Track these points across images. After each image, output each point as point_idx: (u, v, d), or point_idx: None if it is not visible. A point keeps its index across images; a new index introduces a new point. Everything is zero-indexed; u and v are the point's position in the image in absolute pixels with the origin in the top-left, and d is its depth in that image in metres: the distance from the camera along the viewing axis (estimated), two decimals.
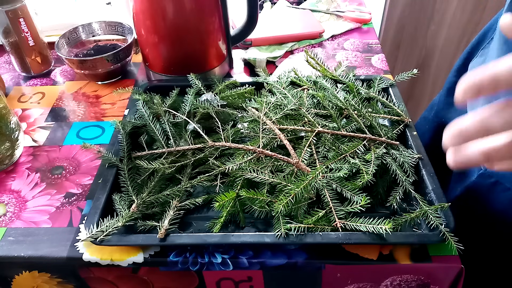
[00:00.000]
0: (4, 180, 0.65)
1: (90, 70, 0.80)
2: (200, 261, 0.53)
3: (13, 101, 0.81)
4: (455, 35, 1.52)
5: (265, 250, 0.54)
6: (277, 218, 0.52)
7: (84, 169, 0.66)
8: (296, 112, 0.63)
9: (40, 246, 0.55)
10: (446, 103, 0.76)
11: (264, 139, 0.60)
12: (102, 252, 0.54)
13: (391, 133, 0.62)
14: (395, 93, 0.70)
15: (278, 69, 0.86)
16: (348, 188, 0.54)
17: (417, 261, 0.52)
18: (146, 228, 0.55)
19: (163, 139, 0.62)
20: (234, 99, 0.69)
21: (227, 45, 0.83)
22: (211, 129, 0.65)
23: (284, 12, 1.01)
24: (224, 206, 0.53)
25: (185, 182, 0.59)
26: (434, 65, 1.63)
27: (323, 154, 0.59)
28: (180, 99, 0.68)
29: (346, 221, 0.51)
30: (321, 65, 0.74)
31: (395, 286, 0.55)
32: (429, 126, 0.81)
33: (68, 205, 0.61)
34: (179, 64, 0.78)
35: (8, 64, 0.91)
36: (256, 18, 0.79)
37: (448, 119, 0.75)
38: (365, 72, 0.85)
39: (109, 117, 0.76)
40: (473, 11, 1.44)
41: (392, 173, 0.58)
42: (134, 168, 0.61)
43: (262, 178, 0.55)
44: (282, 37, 0.92)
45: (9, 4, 0.77)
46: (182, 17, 0.73)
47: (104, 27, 0.88)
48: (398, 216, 0.53)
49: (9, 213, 0.60)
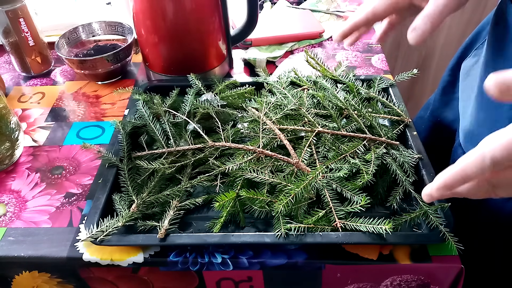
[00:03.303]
0: (4, 180, 0.65)
1: (90, 70, 0.80)
2: (200, 261, 0.53)
3: (13, 101, 0.81)
4: (455, 35, 1.52)
5: (265, 250, 0.54)
6: (277, 218, 0.52)
7: (84, 169, 0.66)
8: (296, 112, 0.63)
9: (40, 246, 0.55)
10: (441, 102, 0.76)
11: (264, 139, 0.60)
12: (102, 252, 0.54)
13: (391, 133, 0.62)
14: (395, 93, 0.70)
15: (278, 69, 0.86)
16: (348, 188, 0.54)
17: (417, 261, 0.52)
18: (146, 228, 0.55)
19: (163, 139, 0.62)
20: (234, 99, 0.69)
21: (227, 45, 0.83)
22: (211, 129, 0.65)
23: (284, 12, 1.01)
24: (224, 206, 0.53)
25: (185, 182, 0.59)
26: (434, 65, 1.63)
27: (323, 154, 0.59)
28: (180, 99, 0.68)
29: (346, 221, 0.51)
30: (321, 65, 0.74)
31: (395, 286, 0.55)
32: (425, 125, 0.81)
33: (68, 205, 0.61)
34: (179, 64, 0.78)
35: (8, 64, 0.91)
36: (256, 18, 0.79)
37: (444, 118, 0.75)
38: (365, 72, 0.85)
39: (109, 117, 0.76)
40: (473, 11, 1.44)
41: (392, 173, 0.58)
42: (134, 168, 0.61)
43: (262, 178, 0.55)
44: (282, 37, 0.92)
45: (9, 4, 0.77)
46: (182, 17, 0.73)
47: (104, 27, 0.88)
48: (398, 216, 0.53)
49: (9, 213, 0.60)
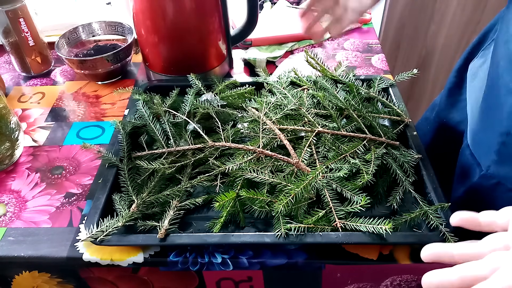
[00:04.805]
0: (4, 180, 0.65)
1: (90, 70, 0.80)
2: (200, 261, 0.53)
3: (13, 101, 0.81)
4: (455, 35, 1.52)
5: (265, 250, 0.54)
6: (277, 218, 0.52)
7: (84, 169, 0.66)
8: (296, 112, 0.63)
9: (40, 246, 0.55)
10: (447, 103, 0.76)
11: (264, 139, 0.60)
12: (102, 252, 0.54)
13: (391, 133, 0.62)
14: (395, 93, 0.70)
15: (278, 69, 0.86)
16: (348, 188, 0.54)
17: (417, 261, 0.52)
18: (146, 228, 0.55)
19: (163, 139, 0.62)
20: (234, 99, 0.69)
21: (227, 45, 0.83)
22: (211, 129, 0.65)
23: (284, 12, 1.01)
24: (224, 206, 0.53)
25: (185, 182, 0.59)
26: (434, 65, 1.62)
27: (323, 154, 0.59)
28: (180, 99, 0.68)
29: (346, 221, 0.51)
30: (321, 65, 0.74)
31: (395, 286, 0.55)
32: (430, 126, 0.81)
33: (68, 205, 0.61)
34: (179, 64, 0.78)
35: (8, 64, 0.91)
36: (256, 18, 0.79)
37: (450, 119, 0.75)
38: (365, 72, 0.85)
39: (109, 117, 0.76)
40: (473, 11, 1.44)
41: (392, 173, 0.58)
42: (134, 168, 0.61)
43: (262, 178, 0.55)
44: (282, 37, 0.92)
45: (9, 4, 0.77)
46: (182, 17, 0.73)
47: (104, 27, 0.88)
48: (398, 216, 0.53)
49: (9, 213, 0.60)
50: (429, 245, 0.39)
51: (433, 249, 0.39)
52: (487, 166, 0.57)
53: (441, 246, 0.39)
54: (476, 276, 0.34)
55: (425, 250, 0.39)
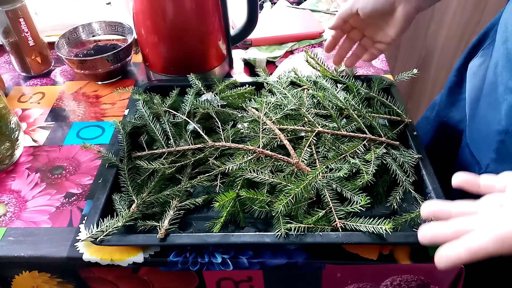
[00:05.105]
0: (4, 180, 0.65)
1: (90, 70, 0.80)
2: (200, 261, 0.53)
3: (13, 101, 0.81)
4: (455, 35, 1.52)
5: (265, 250, 0.54)
6: (277, 218, 0.52)
7: (84, 169, 0.66)
8: (296, 112, 0.63)
9: (40, 246, 0.55)
10: (447, 102, 0.76)
11: (264, 139, 0.60)
12: (102, 252, 0.54)
13: (391, 133, 0.63)
14: (395, 93, 0.70)
15: (278, 69, 0.86)
16: (348, 188, 0.54)
17: (417, 261, 0.52)
18: (146, 228, 0.55)
19: (163, 139, 0.62)
20: (234, 99, 0.69)
21: (227, 45, 0.83)
22: (211, 129, 0.65)
23: (284, 12, 1.01)
24: (224, 206, 0.53)
25: (185, 182, 0.59)
26: (434, 65, 1.62)
27: (323, 154, 0.59)
28: (180, 99, 0.68)
29: (346, 221, 0.51)
30: (321, 65, 0.74)
31: (395, 286, 0.55)
32: (430, 126, 0.81)
33: (68, 205, 0.61)
34: (179, 64, 0.78)
35: (8, 64, 0.91)
36: (256, 18, 0.79)
37: (450, 118, 0.75)
38: (365, 72, 0.85)
39: (109, 117, 0.76)
40: (473, 11, 1.44)
41: (392, 173, 0.58)
42: (134, 168, 0.61)
43: (262, 178, 0.55)
44: (282, 37, 0.92)
45: (9, 4, 0.77)
46: (182, 17, 0.73)
47: (104, 27, 0.88)
48: (398, 216, 0.53)
49: (9, 213, 0.60)
50: (428, 202, 0.41)
51: (432, 207, 0.40)
52: (486, 164, 0.57)
53: (440, 203, 0.40)
54: (469, 231, 0.36)
55: (425, 207, 0.40)
